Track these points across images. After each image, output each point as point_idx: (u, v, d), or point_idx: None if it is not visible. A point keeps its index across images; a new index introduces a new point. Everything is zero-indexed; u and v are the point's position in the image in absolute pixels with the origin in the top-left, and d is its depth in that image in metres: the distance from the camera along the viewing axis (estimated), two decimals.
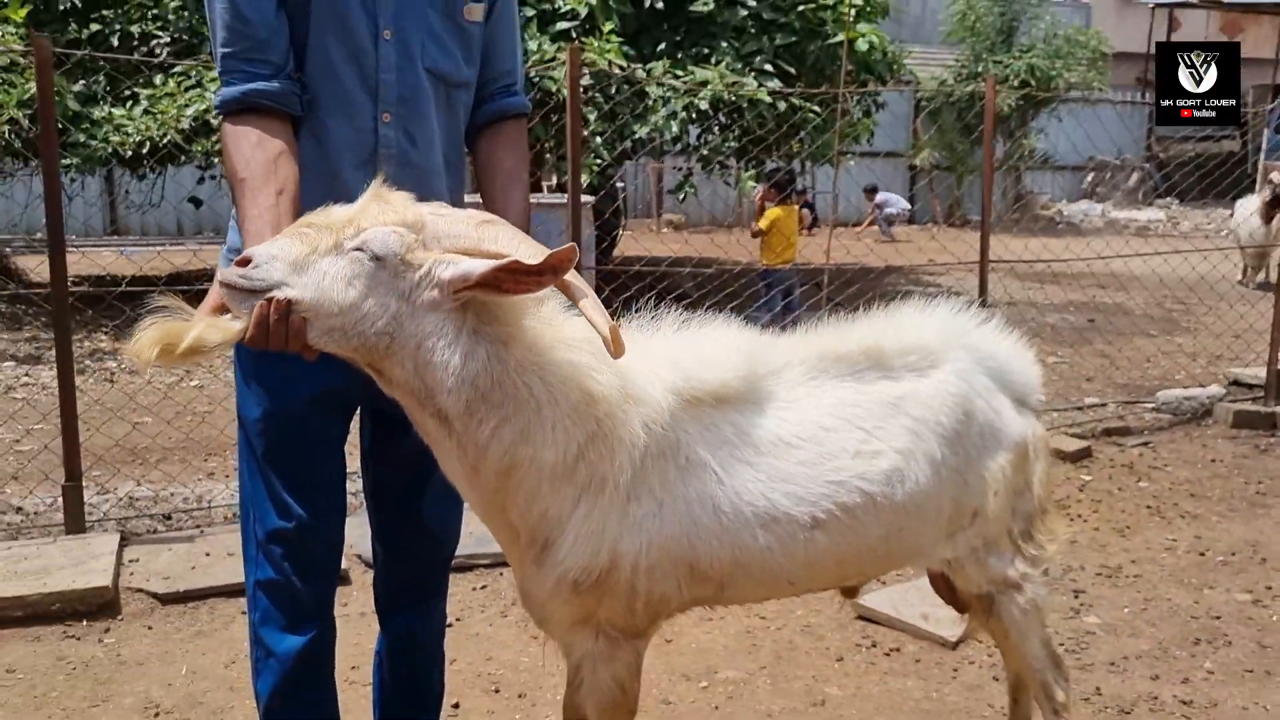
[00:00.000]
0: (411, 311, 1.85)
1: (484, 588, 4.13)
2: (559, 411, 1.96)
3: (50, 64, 4.27)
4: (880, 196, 19.40)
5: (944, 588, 2.72)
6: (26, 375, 7.44)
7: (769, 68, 8.70)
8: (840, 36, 8.51)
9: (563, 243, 1.86)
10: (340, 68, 2.18)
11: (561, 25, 8.61)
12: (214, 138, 8.36)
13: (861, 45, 8.44)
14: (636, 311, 2.21)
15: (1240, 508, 5.06)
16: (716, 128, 8.97)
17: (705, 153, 9.01)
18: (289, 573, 2.33)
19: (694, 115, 8.70)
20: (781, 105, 8.48)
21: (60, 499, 4.42)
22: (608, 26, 8.14)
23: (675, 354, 2.13)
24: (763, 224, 8.95)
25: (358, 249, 1.82)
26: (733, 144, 8.65)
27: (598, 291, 2.14)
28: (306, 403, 2.25)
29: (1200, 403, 6.54)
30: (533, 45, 8.12)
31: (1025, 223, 21.98)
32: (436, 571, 2.59)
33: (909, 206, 20.73)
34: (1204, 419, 6.47)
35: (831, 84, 8.74)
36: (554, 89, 8.05)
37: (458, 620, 3.79)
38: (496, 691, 3.36)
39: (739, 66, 8.67)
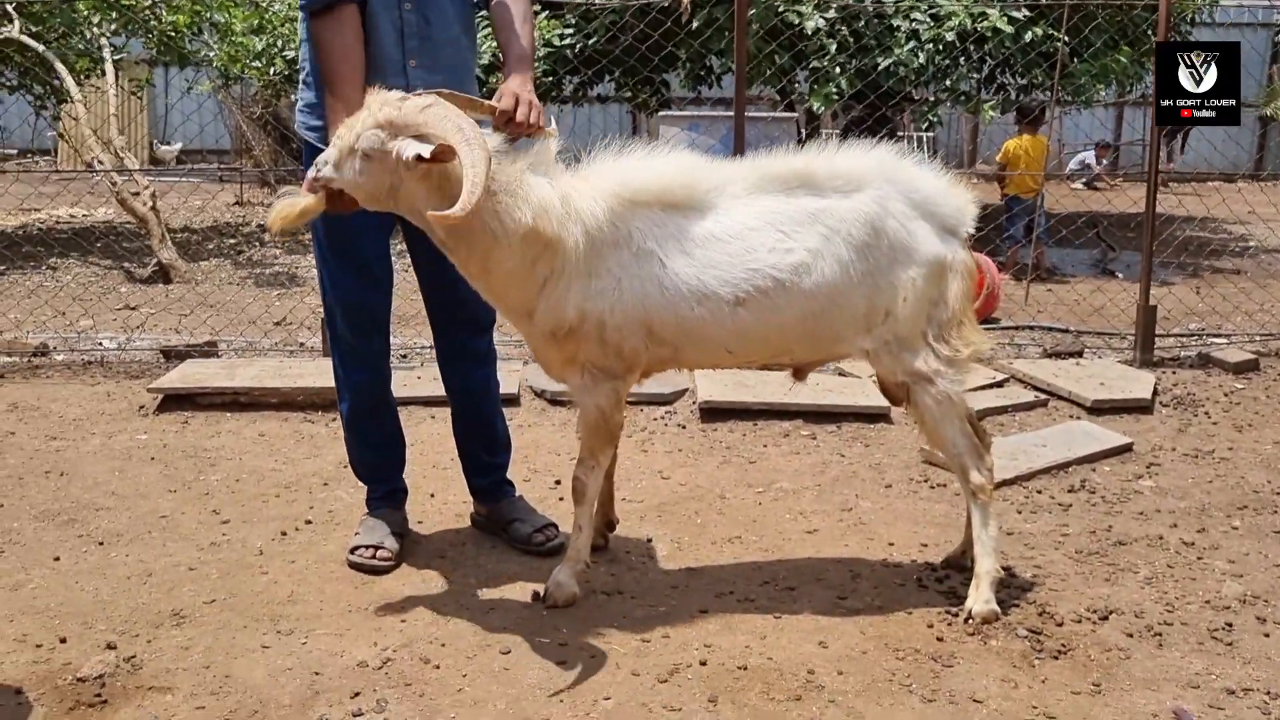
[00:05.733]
0: (399, 181, 2.76)
1: None
2: (512, 242, 2.80)
3: None
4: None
5: (886, 390, 3.30)
6: None
7: None
8: None
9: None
10: None
11: None
12: None
13: None
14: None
15: None
16: (961, 59, 9.18)
17: (949, 84, 9.26)
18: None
19: (940, 48, 8.99)
20: (1027, 35, 8.61)
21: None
22: None
23: (620, 170, 2.91)
24: (999, 158, 9.18)
25: (358, 150, 2.73)
26: (974, 75, 8.78)
27: None
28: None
29: None
30: None
31: None
32: (477, 336, 3.50)
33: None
34: None
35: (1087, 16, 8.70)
36: (797, 22, 8.68)
37: None
38: None
39: None
